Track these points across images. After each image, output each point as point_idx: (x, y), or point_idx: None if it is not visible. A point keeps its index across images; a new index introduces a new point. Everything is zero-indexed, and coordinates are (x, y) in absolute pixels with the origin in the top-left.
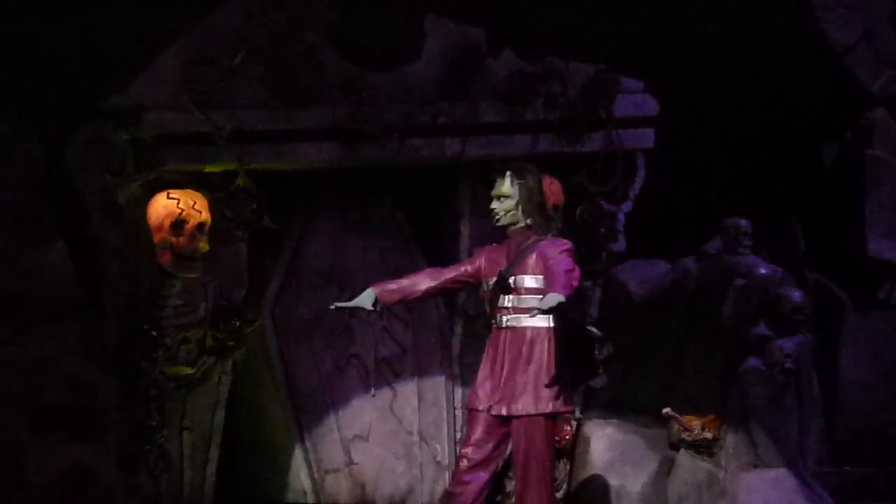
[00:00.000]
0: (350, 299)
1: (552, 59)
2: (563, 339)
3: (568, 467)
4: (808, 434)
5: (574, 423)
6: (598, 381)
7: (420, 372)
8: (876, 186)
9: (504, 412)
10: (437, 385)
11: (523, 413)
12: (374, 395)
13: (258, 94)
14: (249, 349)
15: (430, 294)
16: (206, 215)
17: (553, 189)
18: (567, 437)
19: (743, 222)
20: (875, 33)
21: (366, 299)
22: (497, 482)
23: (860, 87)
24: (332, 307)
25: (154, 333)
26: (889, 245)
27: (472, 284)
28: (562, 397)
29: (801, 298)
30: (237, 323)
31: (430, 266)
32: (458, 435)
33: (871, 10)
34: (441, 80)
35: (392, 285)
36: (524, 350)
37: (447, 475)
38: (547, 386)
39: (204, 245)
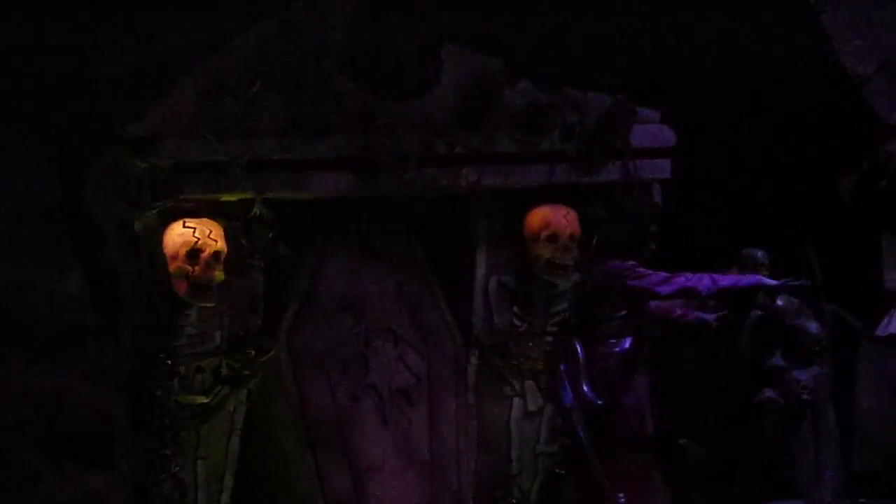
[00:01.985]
0: (366, 329)
1: (569, 89)
2: None
3: None
4: (824, 466)
5: None
6: None
7: (435, 402)
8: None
9: None
10: (451, 415)
11: None
12: (388, 425)
13: (275, 123)
14: (264, 378)
15: None
16: (221, 244)
17: (570, 219)
18: None
19: (759, 253)
20: (893, 65)
21: None
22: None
23: (877, 118)
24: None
25: (169, 362)
26: None
27: None
28: None
29: (818, 330)
30: (252, 352)
31: (445, 294)
32: (473, 465)
33: (889, 42)
34: (457, 110)
35: None
36: None
37: None
38: None
39: (220, 274)
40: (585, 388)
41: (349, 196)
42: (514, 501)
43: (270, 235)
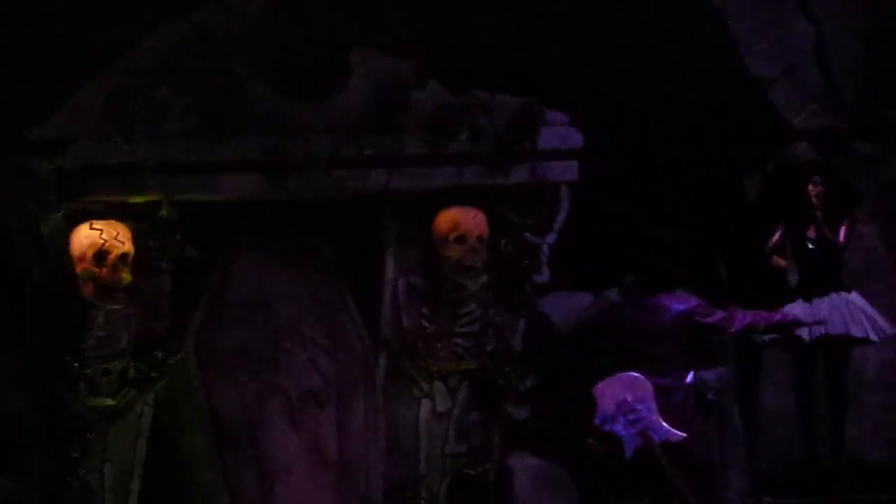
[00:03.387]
0: (275, 331)
1: (478, 92)
2: None
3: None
4: (729, 465)
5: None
6: (521, 413)
7: (344, 404)
8: None
9: None
10: (360, 417)
11: None
12: (296, 427)
13: (183, 125)
14: (172, 381)
15: None
16: (129, 246)
17: (478, 221)
18: None
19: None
20: (798, 68)
21: None
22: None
23: (783, 120)
24: None
25: (76, 365)
26: None
27: None
28: None
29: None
30: (160, 354)
31: (354, 296)
32: (382, 467)
33: (794, 45)
34: (367, 112)
35: None
36: None
37: None
38: None
39: (127, 276)
40: (664, 423)
41: (258, 198)
42: (423, 502)
43: (178, 237)
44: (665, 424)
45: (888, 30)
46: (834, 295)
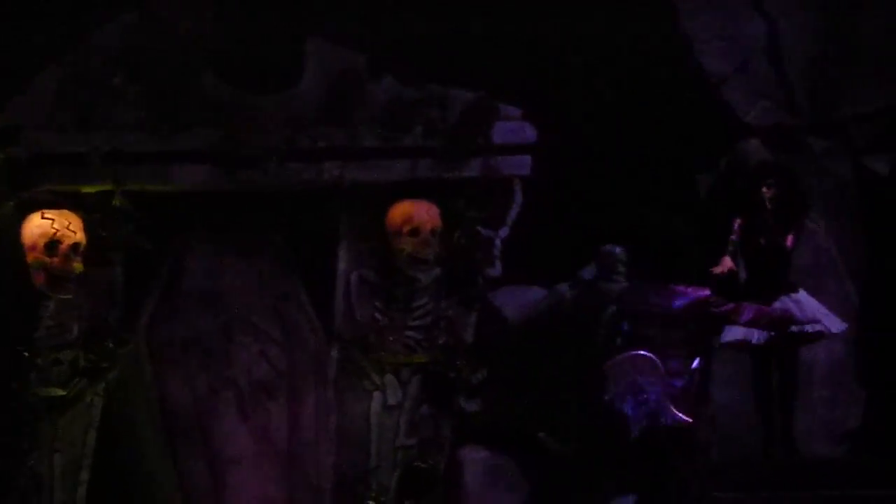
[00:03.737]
0: (227, 322)
1: (432, 86)
2: None
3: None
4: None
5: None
6: (472, 406)
7: (295, 395)
8: None
9: None
10: (311, 409)
11: None
12: (247, 419)
13: (137, 116)
14: (123, 371)
15: None
16: (80, 236)
17: (431, 214)
18: None
19: (617, 249)
20: (750, 65)
21: None
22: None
23: (735, 117)
24: None
25: (26, 354)
26: None
27: None
28: None
29: None
30: (110, 344)
31: (307, 288)
32: (332, 459)
33: (747, 43)
34: (321, 105)
35: None
36: None
37: (321, 498)
38: None
39: (78, 266)
40: (673, 408)
41: (212, 189)
42: (374, 494)
43: (131, 227)
44: (673, 408)
45: (840, 27)
46: (784, 297)
